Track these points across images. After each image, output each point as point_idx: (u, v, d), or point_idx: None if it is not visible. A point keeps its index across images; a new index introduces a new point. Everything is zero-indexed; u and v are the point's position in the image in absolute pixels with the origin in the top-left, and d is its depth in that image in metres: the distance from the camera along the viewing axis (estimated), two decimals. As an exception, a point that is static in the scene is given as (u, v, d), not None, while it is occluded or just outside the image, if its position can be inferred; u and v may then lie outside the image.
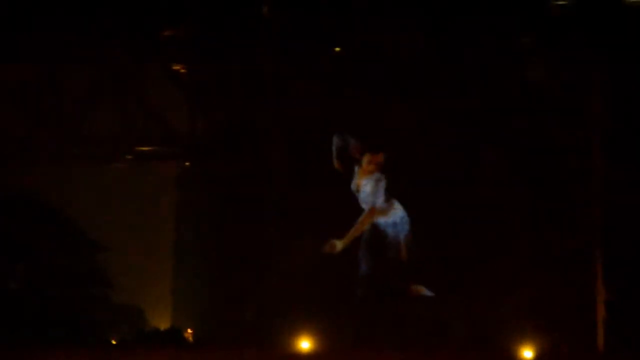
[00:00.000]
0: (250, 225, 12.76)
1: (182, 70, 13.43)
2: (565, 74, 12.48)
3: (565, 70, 12.48)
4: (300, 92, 12.92)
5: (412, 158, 12.50)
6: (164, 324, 12.87)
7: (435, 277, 12.41)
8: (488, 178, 12.47)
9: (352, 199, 12.58)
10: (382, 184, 12.44)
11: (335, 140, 12.47)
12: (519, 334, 11.93)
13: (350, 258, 12.53)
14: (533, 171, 12.49)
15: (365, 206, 12.51)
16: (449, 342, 12.22)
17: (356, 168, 12.54)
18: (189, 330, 12.87)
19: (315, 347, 12.12)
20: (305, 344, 12.15)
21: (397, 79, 12.72)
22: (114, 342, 12.71)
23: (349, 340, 12.27)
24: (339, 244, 12.36)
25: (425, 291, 12.30)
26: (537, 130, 12.51)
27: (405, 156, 12.50)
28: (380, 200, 12.49)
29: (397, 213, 12.44)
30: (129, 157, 13.50)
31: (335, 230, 12.52)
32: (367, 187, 12.48)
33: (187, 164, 13.45)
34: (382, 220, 12.53)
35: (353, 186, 12.52)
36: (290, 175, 12.84)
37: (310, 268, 12.56)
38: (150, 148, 13.50)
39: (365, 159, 12.48)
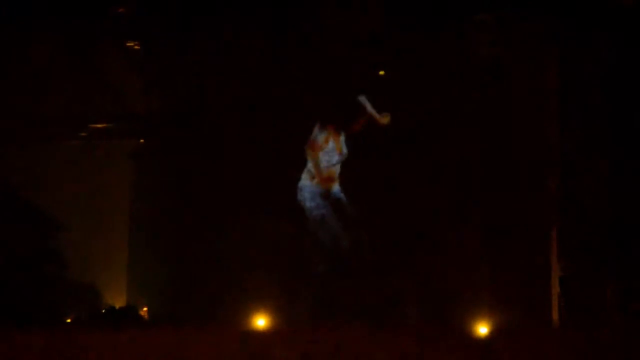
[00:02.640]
0: (206, 203, 12.73)
1: (136, 47, 13.32)
2: (520, 49, 12.51)
3: (520, 45, 12.51)
4: (255, 68, 12.88)
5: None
6: (119, 303, 12.80)
7: (388, 252, 12.45)
8: (443, 153, 12.47)
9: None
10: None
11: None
12: (474, 309, 11.98)
13: (308, 234, 12.58)
14: (488, 146, 12.52)
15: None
16: (404, 317, 12.28)
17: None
18: (145, 308, 12.83)
19: (272, 324, 12.11)
20: (261, 322, 12.14)
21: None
22: (68, 321, 12.62)
23: (306, 317, 12.28)
24: None
25: None
26: (493, 106, 12.56)
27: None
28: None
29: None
30: (83, 134, 13.40)
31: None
32: (343, 144, 12.66)
33: (141, 141, 13.36)
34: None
35: (334, 150, 12.55)
36: (247, 153, 12.77)
37: (268, 245, 12.57)
38: (104, 125, 13.41)
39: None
